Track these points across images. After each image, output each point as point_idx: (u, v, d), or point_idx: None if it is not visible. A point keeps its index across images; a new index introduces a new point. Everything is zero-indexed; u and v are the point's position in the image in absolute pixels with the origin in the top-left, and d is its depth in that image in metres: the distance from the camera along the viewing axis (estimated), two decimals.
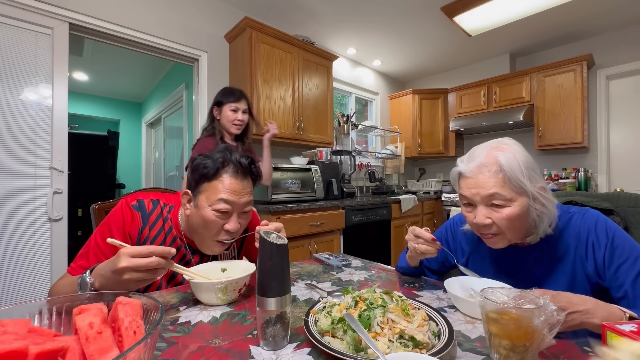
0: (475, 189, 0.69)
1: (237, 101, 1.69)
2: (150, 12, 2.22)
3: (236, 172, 0.83)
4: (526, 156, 0.69)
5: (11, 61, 1.73)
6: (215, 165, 0.82)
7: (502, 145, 0.71)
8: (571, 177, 3.19)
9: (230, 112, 1.68)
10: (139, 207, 0.87)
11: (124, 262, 0.59)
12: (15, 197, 1.73)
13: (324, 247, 2.43)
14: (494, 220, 0.69)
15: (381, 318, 0.51)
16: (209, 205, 0.81)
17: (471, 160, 0.72)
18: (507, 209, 0.67)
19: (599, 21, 2.98)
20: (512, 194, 0.67)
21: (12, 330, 0.36)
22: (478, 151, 0.72)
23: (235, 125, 1.69)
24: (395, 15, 2.88)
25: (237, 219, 0.84)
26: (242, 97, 1.71)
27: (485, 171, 0.68)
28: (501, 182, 0.67)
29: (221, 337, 0.56)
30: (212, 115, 1.74)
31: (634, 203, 1.00)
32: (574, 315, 0.53)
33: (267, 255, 0.53)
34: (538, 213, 0.68)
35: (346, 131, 3.41)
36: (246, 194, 0.85)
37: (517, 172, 0.66)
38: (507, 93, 3.47)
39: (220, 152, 0.85)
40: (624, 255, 0.65)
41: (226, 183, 0.82)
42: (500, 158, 0.67)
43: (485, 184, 0.68)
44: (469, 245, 0.88)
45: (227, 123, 1.69)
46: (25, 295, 1.74)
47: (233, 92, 1.71)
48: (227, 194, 0.81)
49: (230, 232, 0.84)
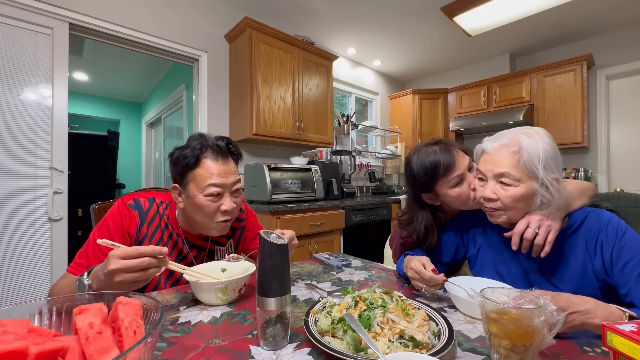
0: (490, 165, 0.74)
1: (451, 168, 0.87)
2: (150, 13, 2.22)
3: (216, 155, 0.85)
4: (552, 147, 0.70)
5: (11, 61, 1.73)
6: (195, 153, 0.83)
7: (530, 131, 0.72)
8: (571, 177, 3.19)
9: (452, 189, 0.88)
10: (135, 205, 0.88)
11: (113, 264, 0.59)
12: (15, 197, 1.73)
13: (324, 247, 2.43)
14: (499, 197, 0.72)
15: (381, 318, 0.51)
16: (199, 192, 0.82)
17: (497, 140, 0.75)
18: (514, 189, 0.70)
19: (599, 21, 2.98)
20: (522, 176, 0.69)
21: (12, 330, 0.36)
22: (505, 133, 0.75)
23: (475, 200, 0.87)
24: (395, 15, 2.88)
25: (231, 198, 0.86)
26: (451, 156, 0.88)
27: (505, 150, 0.72)
28: (515, 163, 0.70)
29: (221, 337, 0.56)
30: (421, 204, 0.96)
31: (634, 203, 1.00)
32: (575, 316, 0.53)
33: (267, 255, 0.53)
34: (544, 200, 0.70)
35: (346, 131, 3.41)
36: (232, 174, 0.86)
37: (534, 157, 0.68)
38: (507, 93, 3.47)
39: (196, 139, 0.86)
40: (631, 253, 0.66)
41: (210, 167, 0.83)
42: (523, 141, 0.70)
43: (500, 162, 0.72)
44: (480, 236, 0.89)
45: (460, 205, 0.91)
46: (25, 295, 1.74)
47: (436, 162, 0.88)
48: (215, 178, 0.82)
49: (228, 211, 0.85)
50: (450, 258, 0.94)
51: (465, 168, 0.88)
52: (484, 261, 0.87)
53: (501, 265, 0.82)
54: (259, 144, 2.77)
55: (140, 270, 0.61)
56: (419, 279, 0.75)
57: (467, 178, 0.88)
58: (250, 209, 1.12)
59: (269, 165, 2.28)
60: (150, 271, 0.63)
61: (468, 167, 0.89)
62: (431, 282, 0.73)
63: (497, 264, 0.83)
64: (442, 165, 0.87)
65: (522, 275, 0.79)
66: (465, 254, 0.93)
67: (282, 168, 2.38)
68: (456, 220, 0.97)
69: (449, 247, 0.93)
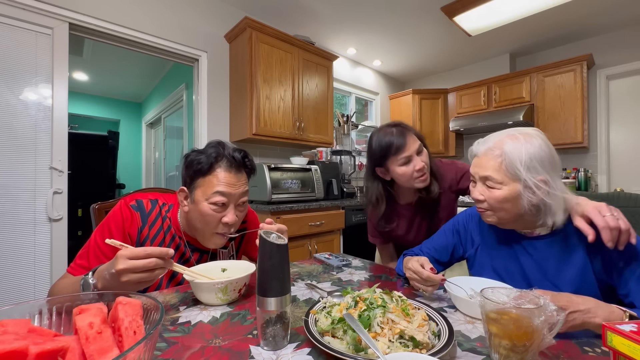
0: (477, 168, 0.77)
1: (402, 149, 1.06)
2: (150, 13, 2.22)
3: (230, 165, 0.85)
4: (541, 149, 0.70)
5: (11, 61, 1.73)
6: (209, 160, 0.83)
7: (518, 134, 0.73)
8: (571, 177, 3.18)
9: (400, 167, 1.08)
10: (137, 207, 0.88)
11: (121, 264, 0.60)
12: (15, 197, 1.73)
13: (324, 247, 2.43)
14: (486, 198, 0.75)
15: (381, 318, 0.51)
16: (205, 199, 0.82)
17: (484, 143, 0.78)
18: (497, 191, 0.72)
19: (599, 21, 2.98)
20: (504, 179, 0.71)
21: (12, 330, 0.36)
22: (493, 136, 0.77)
23: (418, 179, 1.08)
24: (395, 16, 2.88)
25: (234, 211, 0.85)
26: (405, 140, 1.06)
27: (490, 154, 0.74)
28: (497, 166, 0.72)
29: (221, 337, 0.56)
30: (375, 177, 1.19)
31: (634, 203, 1.00)
32: (575, 315, 0.53)
33: (267, 255, 0.53)
34: (533, 202, 0.69)
35: (346, 131, 3.41)
36: (241, 186, 0.86)
37: (516, 160, 0.69)
38: (507, 93, 3.47)
39: (213, 147, 0.86)
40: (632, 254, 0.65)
41: (221, 177, 0.83)
42: (506, 146, 0.71)
43: (485, 165, 0.74)
44: (478, 236, 0.89)
45: (405, 182, 1.11)
46: (25, 295, 1.74)
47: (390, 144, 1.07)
48: (223, 187, 0.82)
49: (229, 224, 0.85)
50: (448, 258, 0.95)
51: (413, 151, 1.06)
52: (482, 261, 0.87)
53: (499, 265, 0.82)
54: (259, 144, 2.77)
55: (147, 271, 0.62)
56: (417, 279, 0.76)
57: (413, 160, 1.06)
58: (252, 211, 1.11)
59: (269, 165, 2.28)
60: (156, 272, 0.63)
61: (417, 151, 1.06)
62: (429, 281, 0.74)
63: (495, 264, 0.84)
64: (395, 146, 1.05)
65: (521, 275, 0.78)
66: (463, 253, 0.93)
67: (282, 168, 2.38)
68: (454, 220, 0.97)
69: (446, 247, 0.94)
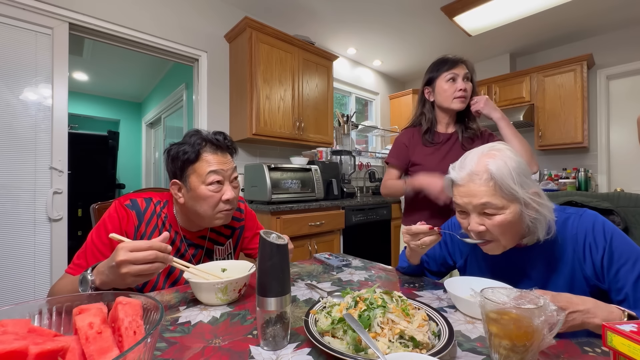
0: (468, 198, 0.69)
1: (454, 67, 1.27)
2: (150, 12, 2.22)
3: (215, 148, 0.89)
4: (518, 162, 0.67)
5: (11, 61, 1.73)
6: (195, 149, 0.86)
7: (492, 151, 0.69)
8: (571, 177, 3.18)
9: (446, 82, 1.27)
10: (132, 206, 0.89)
11: (122, 255, 0.60)
12: (15, 197, 1.73)
13: (324, 247, 2.43)
14: (487, 227, 0.69)
15: (381, 318, 0.51)
16: (202, 182, 0.85)
17: (462, 167, 0.71)
18: (499, 217, 0.67)
19: (599, 21, 2.98)
20: (503, 202, 0.66)
21: (12, 330, 0.36)
22: (469, 158, 0.71)
23: (457, 98, 1.27)
24: (396, 15, 2.88)
25: (231, 187, 0.89)
26: (459, 62, 1.28)
27: (477, 179, 0.68)
28: (492, 191, 0.66)
29: (221, 337, 0.56)
30: (423, 99, 1.38)
31: (634, 203, 0.99)
32: (575, 315, 0.53)
33: (267, 255, 0.53)
34: (532, 219, 0.67)
35: (346, 131, 3.41)
36: (229, 163, 0.91)
37: (508, 179, 0.65)
38: (507, 93, 3.47)
39: (193, 135, 0.89)
40: (624, 258, 0.64)
41: (210, 159, 0.87)
42: (491, 166, 0.66)
43: (477, 192, 0.67)
44: (467, 246, 0.88)
45: (444, 100, 1.29)
46: (25, 295, 1.74)
47: (446, 59, 1.30)
48: (215, 166, 0.86)
49: (229, 200, 0.88)
50: (443, 269, 0.95)
51: (461, 74, 1.26)
52: (472, 271, 0.87)
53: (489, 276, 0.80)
54: (259, 143, 2.77)
55: (147, 264, 0.62)
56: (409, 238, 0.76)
57: (458, 81, 1.26)
58: (249, 209, 1.12)
59: (269, 165, 2.27)
60: (156, 265, 0.64)
61: (464, 76, 1.26)
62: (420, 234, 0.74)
63: (484, 274, 0.82)
64: (448, 62, 1.28)
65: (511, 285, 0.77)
66: (454, 264, 0.93)
67: (282, 168, 2.38)
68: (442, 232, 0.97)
69: (435, 259, 0.94)
